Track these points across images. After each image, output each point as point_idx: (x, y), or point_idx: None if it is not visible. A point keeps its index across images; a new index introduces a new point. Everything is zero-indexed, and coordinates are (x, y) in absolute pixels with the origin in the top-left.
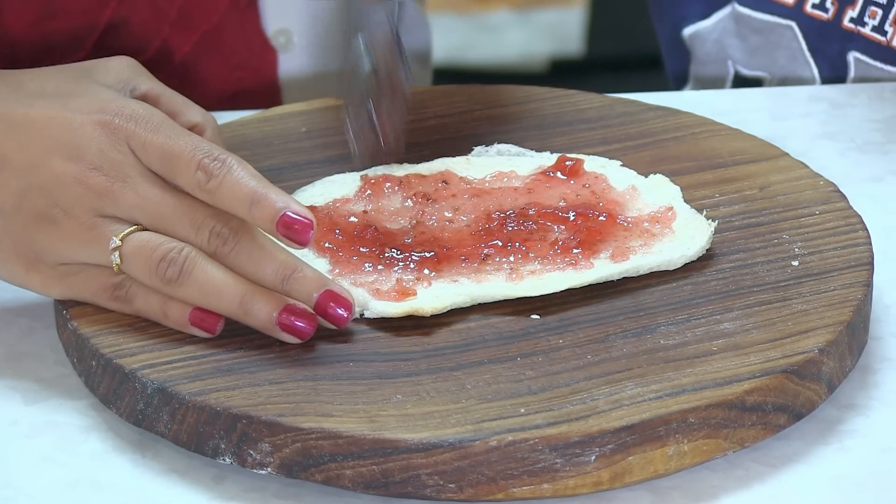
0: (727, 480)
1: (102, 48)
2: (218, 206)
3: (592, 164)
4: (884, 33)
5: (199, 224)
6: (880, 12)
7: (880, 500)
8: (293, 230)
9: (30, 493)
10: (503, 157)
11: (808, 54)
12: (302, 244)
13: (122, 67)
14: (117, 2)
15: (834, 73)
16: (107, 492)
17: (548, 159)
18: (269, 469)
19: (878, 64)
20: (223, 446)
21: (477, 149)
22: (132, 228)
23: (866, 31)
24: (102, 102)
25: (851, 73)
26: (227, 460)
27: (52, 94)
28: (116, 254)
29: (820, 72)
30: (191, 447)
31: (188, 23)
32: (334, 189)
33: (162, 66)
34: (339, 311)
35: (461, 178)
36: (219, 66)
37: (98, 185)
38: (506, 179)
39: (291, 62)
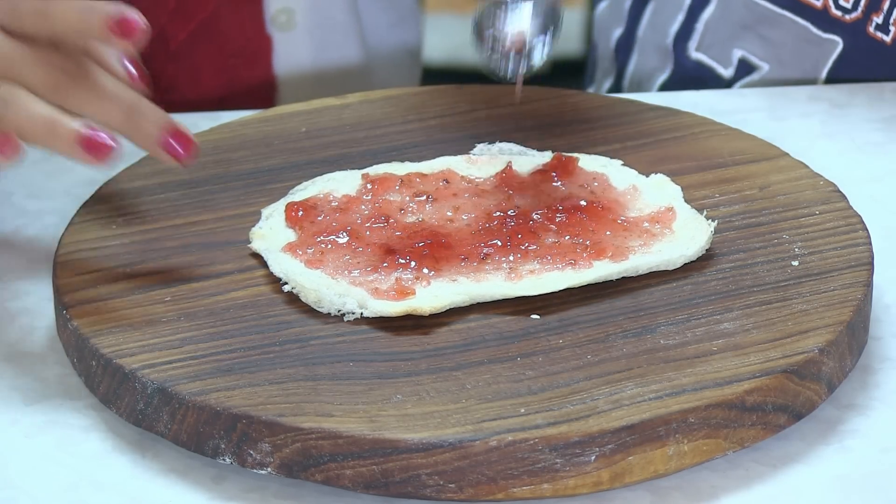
0: (727, 480)
1: None
2: (55, 29)
3: (594, 163)
4: None
5: (43, 61)
6: None
7: (880, 500)
8: (125, 29)
9: (30, 493)
10: (505, 157)
11: None
12: (131, 42)
13: None
14: None
15: None
16: (107, 492)
17: (549, 158)
18: (269, 469)
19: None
20: (223, 446)
21: (479, 146)
22: None
23: None
24: None
25: None
26: (227, 460)
27: None
28: None
29: None
30: (191, 447)
31: (185, 12)
32: (335, 187)
33: (156, 53)
34: (181, 148)
35: (462, 177)
36: (213, 54)
37: None
38: (505, 175)
39: (289, 51)
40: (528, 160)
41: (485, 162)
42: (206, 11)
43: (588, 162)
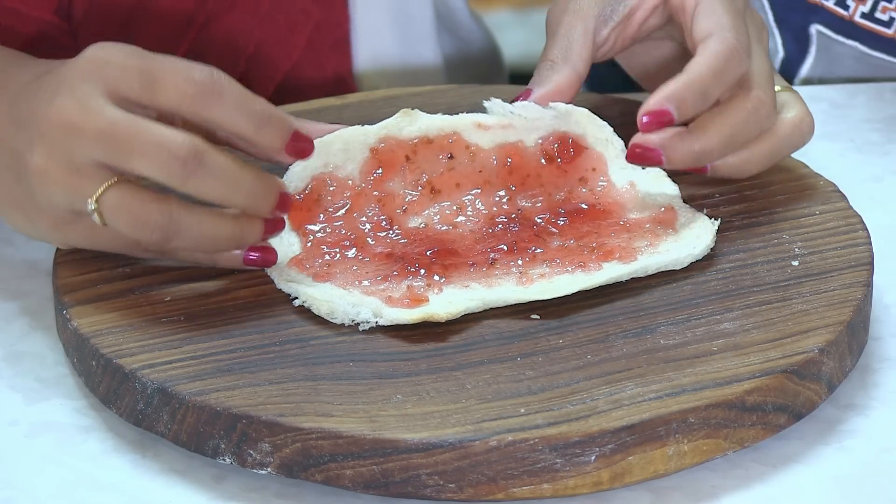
0: (727, 480)
1: None
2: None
3: (599, 133)
4: (846, 7)
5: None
6: None
7: (880, 500)
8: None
9: (30, 493)
10: (515, 117)
11: (773, 25)
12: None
13: None
14: None
15: (797, 45)
16: (107, 492)
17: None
18: (269, 469)
19: (839, 37)
20: (223, 446)
21: (494, 101)
22: (104, 186)
23: (829, 4)
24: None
25: (813, 45)
26: (227, 460)
27: None
28: (96, 215)
29: (784, 43)
30: (191, 447)
31: (269, 63)
32: (338, 158)
33: None
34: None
35: (467, 145)
36: None
37: (67, 119)
38: (509, 161)
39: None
40: (535, 135)
41: (491, 126)
42: (290, 62)
43: (593, 131)
